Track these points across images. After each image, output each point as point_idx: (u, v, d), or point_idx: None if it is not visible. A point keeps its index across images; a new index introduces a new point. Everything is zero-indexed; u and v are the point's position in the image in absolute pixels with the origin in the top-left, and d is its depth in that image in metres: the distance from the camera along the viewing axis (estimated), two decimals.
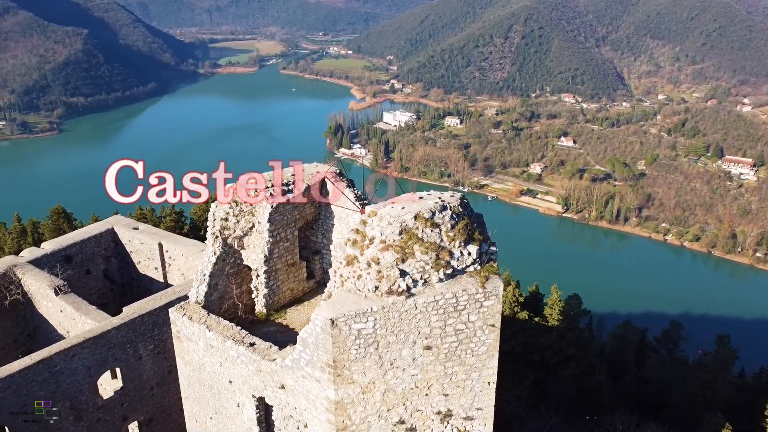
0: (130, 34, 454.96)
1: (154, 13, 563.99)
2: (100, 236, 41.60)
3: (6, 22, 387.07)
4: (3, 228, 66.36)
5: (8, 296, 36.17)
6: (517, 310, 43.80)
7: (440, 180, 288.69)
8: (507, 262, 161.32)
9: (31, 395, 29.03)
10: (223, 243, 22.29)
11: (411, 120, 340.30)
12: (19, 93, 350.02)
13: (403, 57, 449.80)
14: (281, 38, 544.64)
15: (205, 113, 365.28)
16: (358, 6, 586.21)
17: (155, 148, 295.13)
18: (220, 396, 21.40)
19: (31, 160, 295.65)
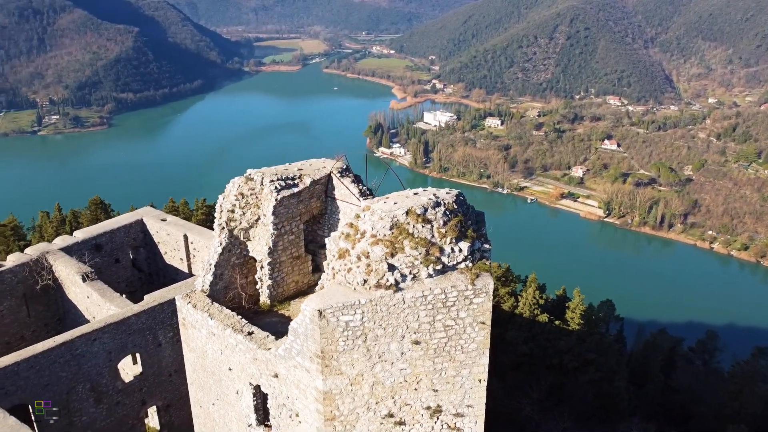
0: (178, 32, 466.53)
1: (203, 11, 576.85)
2: (130, 226, 43.02)
3: (62, 20, 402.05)
4: (46, 217, 69.28)
5: (40, 281, 37.83)
6: (537, 312, 43.34)
7: (479, 181, 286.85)
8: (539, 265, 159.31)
9: (53, 376, 30.37)
10: (229, 234, 22.87)
11: (451, 120, 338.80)
12: (73, 88, 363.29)
13: (445, 57, 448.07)
14: (325, 37, 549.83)
15: (249, 110, 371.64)
16: (401, 6, 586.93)
17: (200, 143, 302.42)
18: (221, 383, 22.01)
19: (81, 154, 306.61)
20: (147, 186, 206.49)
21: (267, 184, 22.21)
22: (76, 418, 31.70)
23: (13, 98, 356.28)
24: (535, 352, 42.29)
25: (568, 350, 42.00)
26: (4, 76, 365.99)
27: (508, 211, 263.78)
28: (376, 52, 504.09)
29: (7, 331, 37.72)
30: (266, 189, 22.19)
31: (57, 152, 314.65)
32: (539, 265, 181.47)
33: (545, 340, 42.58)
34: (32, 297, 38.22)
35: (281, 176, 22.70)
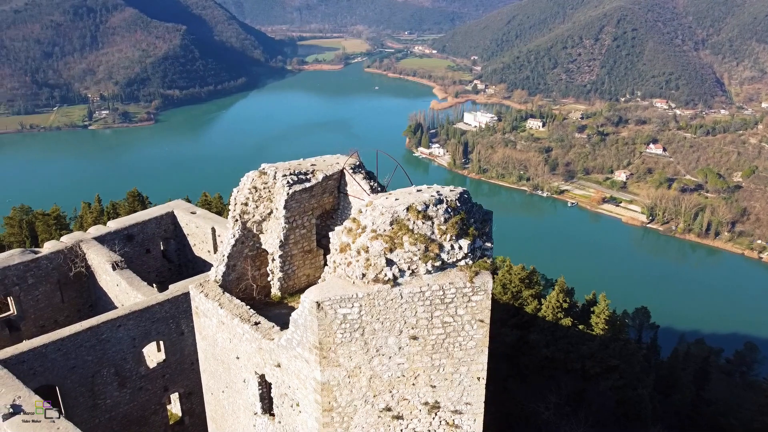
0: (224, 30, 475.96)
1: (248, 10, 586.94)
2: (161, 218, 44.31)
3: (114, 18, 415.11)
4: (87, 207, 71.85)
5: (73, 268, 39.36)
6: (560, 316, 42.77)
7: (518, 183, 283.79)
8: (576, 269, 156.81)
9: (79, 359, 31.60)
10: (242, 226, 23.43)
11: (492, 121, 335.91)
12: (122, 84, 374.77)
13: (487, 57, 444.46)
14: (367, 37, 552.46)
15: (291, 108, 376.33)
16: (444, 5, 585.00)
17: (243, 140, 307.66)
18: (229, 371, 22.58)
19: (128, 148, 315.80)
20: (187, 180, 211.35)
21: (279, 179, 22.66)
22: (101, 401, 32.91)
23: (66, 93, 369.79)
24: (557, 356, 41.78)
25: (591, 355, 41.33)
26: (59, 72, 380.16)
27: (547, 214, 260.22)
28: (418, 52, 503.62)
29: (41, 315, 39.36)
30: (279, 183, 22.65)
31: (105, 146, 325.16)
32: (576, 270, 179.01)
33: (568, 344, 41.99)
34: (66, 283, 39.78)
35: (294, 171, 23.13)
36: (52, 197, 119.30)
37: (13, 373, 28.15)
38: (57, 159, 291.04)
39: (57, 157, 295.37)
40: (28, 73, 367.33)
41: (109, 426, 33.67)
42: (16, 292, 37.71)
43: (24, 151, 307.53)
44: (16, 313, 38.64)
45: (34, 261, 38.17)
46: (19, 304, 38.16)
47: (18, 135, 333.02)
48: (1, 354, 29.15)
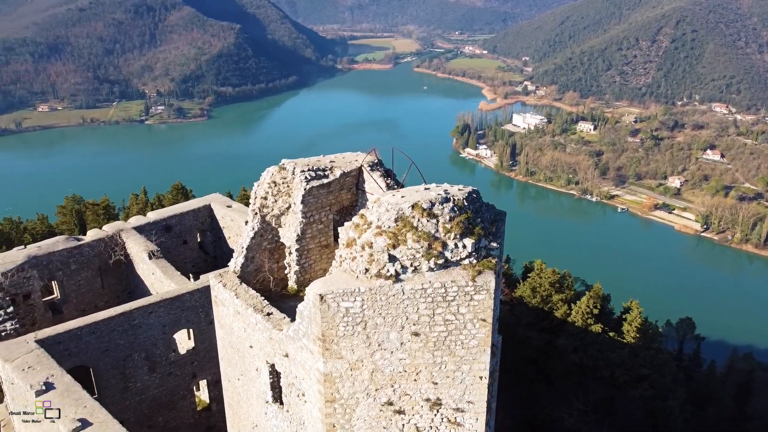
0: (277, 29, 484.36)
1: (301, 9, 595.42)
2: (198, 211, 45.72)
3: (172, 16, 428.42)
4: (134, 198, 74.67)
5: (113, 256, 41.06)
6: (590, 322, 42.01)
7: (567, 187, 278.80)
8: (623, 276, 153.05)
9: (112, 342, 33.05)
10: (261, 220, 24.07)
11: (541, 123, 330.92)
12: (178, 81, 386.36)
13: (539, 58, 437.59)
14: (418, 36, 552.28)
15: (339, 107, 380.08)
16: (497, 5, 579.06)
17: (291, 137, 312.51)
18: (244, 359, 23.27)
19: (181, 143, 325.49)
20: (233, 175, 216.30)
21: (298, 174, 23.20)
22: (132, 384, 34.31)
23: (125, 89, 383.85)
24: (585, 363, 41.06)
25: (621, 363, 40.44)
26: (119, 68, 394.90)
27: (596, 220, 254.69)
28: (468, 52, 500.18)
29: (83, 300, 41.20)
30: (297, 178, 23.19)
31: (160, 140, 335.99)
32: (622, 277, 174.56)
33: (597, 351, 41.21)
34: (106, 270, 41.52)
35: (312, 167, 23.63)
36: (105, 188, 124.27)
37: (49, 353, 29.71)
38: (114, 152, 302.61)
39: (114, 150, 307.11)
40: (90, 69, 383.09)
41: (139, 408, 35.06)
42: (60, 276, 39.58)
43: (84, 143, 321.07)
44: (59, 296, 40.58)
45: (77, 248, 39.97)
46: (62, 288, 40.05)
47: (80, 128, 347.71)
48: (40, 334, 30.78)
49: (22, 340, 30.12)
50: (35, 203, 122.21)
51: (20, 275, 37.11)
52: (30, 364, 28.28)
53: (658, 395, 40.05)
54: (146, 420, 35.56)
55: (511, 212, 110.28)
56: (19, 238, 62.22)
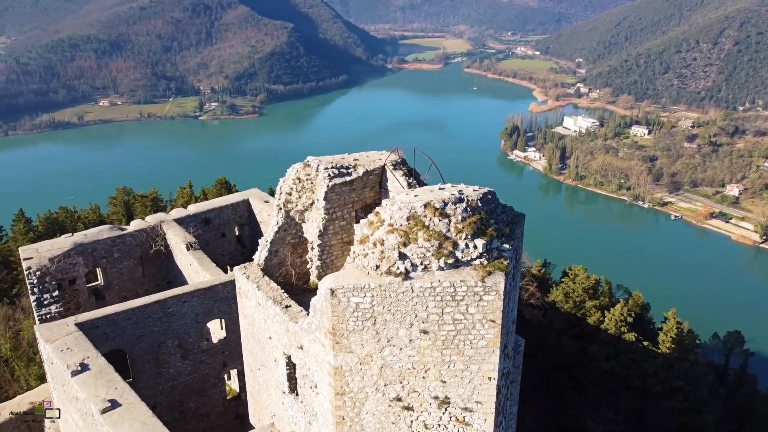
0: (329, 28, 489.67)
1: (353, 9, 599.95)
2: (236, 205, 46.95)
3: (228, 15, 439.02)
4: (181, 191, 77.02)
5: (154, 246, 42.63)
6: (624, 330, 41.05)
7: (618, 192, 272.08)
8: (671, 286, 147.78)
9: (147, 329, 34.36)
10: (285, 215, 24.69)
11: (593, 126, 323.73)
12: (231, 79, 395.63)
13: (593, 60, 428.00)
14: (469, 37, 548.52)
15: (388, 106, 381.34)
16: (551, 6, 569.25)
17: (340, 135, 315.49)
18: (264, 350, 23.92)
19: (233, 138, 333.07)
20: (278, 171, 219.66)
21: (321, 171, 23.68)
22: (165, 370, 35.59)
23: (180, 85, 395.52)
24: (617, 371, 40.21)
25: (654, 373, 39.40)
26: (176, 65, 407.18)
27: (648, 227, 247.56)
28: (520, 53, 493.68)
29: (124, 287, 42.92)
30: (320, 175, 23.68)
31: (213, 136, 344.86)
32: (670, 286, 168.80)
33: (630, 360, 40.28)
34: (147, 259, 43.12)
35: (336, 165, 24.07)
36: (157, 181, 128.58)
37: (88, 336, 31.18)
38: (168, 146, 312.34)
39: (168, 144, 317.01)
40: (149, 66, 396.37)
41: (171, 394, 36.33)
42: (103, 264, 41.34)
43: (141, 137, 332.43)
44: (102, 283, 42.38)
45: (120, 237, 41.66)
46: (105, 275, 41.82)
47: (137, 123, 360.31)
48: (79, 318, 32.33)
49: (63, 323, 31.71)
50: (94, 193, 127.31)
51: (66, 261, 38.96)
52: (68, 346, 29.77)
53: (693, 408, 38.85)
54: (178, 405, 36.81)
55: (559, 216, 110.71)
56: (72, 227, 65.03)
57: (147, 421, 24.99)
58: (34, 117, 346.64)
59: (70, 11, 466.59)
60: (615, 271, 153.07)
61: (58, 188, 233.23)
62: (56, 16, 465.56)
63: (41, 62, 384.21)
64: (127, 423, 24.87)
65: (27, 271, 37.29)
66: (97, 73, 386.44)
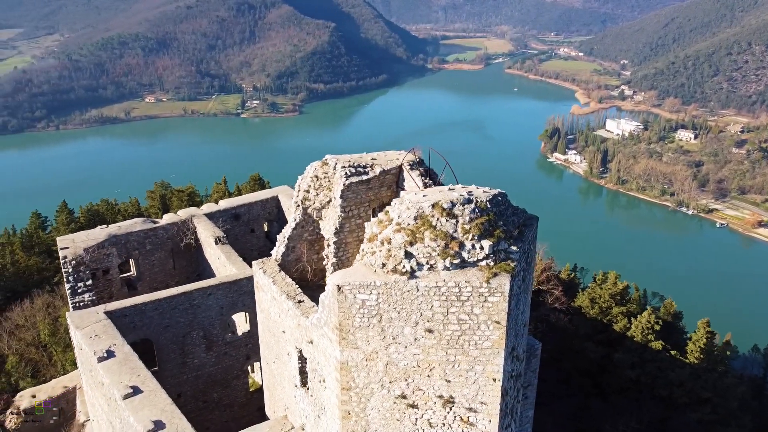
0: (370, 28, 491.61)
1: (395, 9, 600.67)
2: (266, 201, 47.79)
3: (271, 14, 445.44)
4: (217, 187, 78.70)
5: (184, 239, 43.82)
6: (650, 338, 40.19)
7: (661, 198, 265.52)
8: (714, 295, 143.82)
9: (173, 319, 35.38)
10: (303, 212, 25.15)
11: (637, 130, 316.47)
12: (273, 77, 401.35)
13: (638, 62, 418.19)
14: (511, 37, 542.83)
15: (427, 106, 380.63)
16: (596, 6, 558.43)
17: (378, 135, 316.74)
18: (278, 343, 24.42)
19: (273, 136, 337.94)
20: None
21: (339, 170, 24.05)
22: (189, 360, 36.58)
23: (224, 83, 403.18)
24: (642, 380, 39.42)
25: (680, 384, 38.46)
26: (219, 63, 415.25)
27: (691, 234, 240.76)
28: (563, 54, 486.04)
29: (155, 278, 44.21)
30: (338, 174, 24.05)
31: (253, 133, 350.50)
32: (712, 295, 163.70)
33: (656, 369, 39.41)
34: (178, 252, 44.32)
35: (353, 163, 24.40)
36: (198, 175, 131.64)
37: (116, 324, 32.33)
38: (210, 142, 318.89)
39: (210, 140, 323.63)
40: (193, 64, 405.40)
41: (195, 383, 37.31)
42: (136, 255, 42.68)
43: (184, 133, 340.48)
44: (135, 274, 43.76)
45: (153, 230, 42.94)
46: (137, 266, 43.17)
47: (181, 119, 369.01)
48: (109, 306, 33.52)
49: (93, 311, 32.95)
50: (138, 186, 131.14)
51: (100, 252, 40.40)
52: (97, 333, 30.93)
53: (720, 421, 37.79)
54: (201, 395, 37.77)
55: (599, 221, 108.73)
56: (112, 219, 67.18)
57: (166, 408, 25.81)
58: (83, 112, 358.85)
59: (120, 10, 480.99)
60: (654, 278, 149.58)
61: (102, 181, 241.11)
62: (107, 14, 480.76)
63: (92, 59, 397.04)
64: (147, 409, 25.75)
65: (63, 260, 38.84)
66: (144, 71, 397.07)
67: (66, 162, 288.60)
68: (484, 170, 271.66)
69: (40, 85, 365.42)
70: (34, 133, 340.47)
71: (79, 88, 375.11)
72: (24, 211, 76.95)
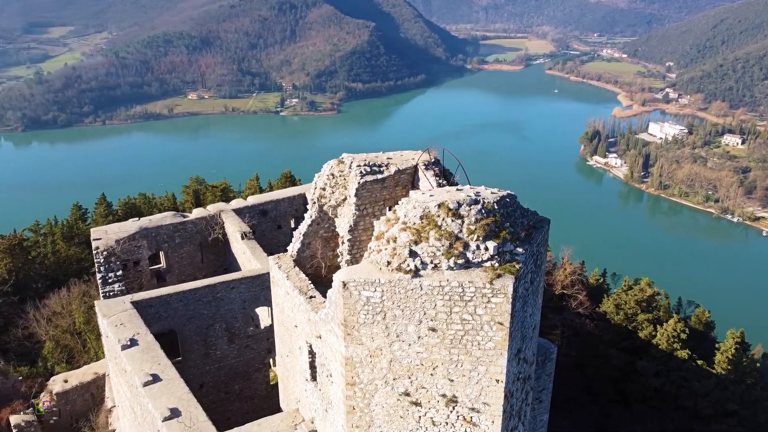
0: (410, 28, 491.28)
1: (435, 8, 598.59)
2: (293, 198, 48.53)
3: (312, 14, 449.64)
4: (250, 182, 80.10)
5: (212, 233, 44.88)
6: (676, 346, 39.30)
7: (704, 204, 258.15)
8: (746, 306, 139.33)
9: (197, 311, 36.29)
10: (319, 209, 25.56)
11: (681, 134, 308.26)
12: (312, 76, 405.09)
13: (684, 64, 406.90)
14: (553, 38, 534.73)
15: (466, 107, 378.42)
16: (642, 7, 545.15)
17: (415, 135, 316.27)
18: (291, 337, 24.89)
19: (311, 134, 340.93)
20: None
21: (354, 168, 24.37)
22: (212, 351, 37.48)
23: (264, 81, 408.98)
24: (666, 389, 38.59)
25: (706, 394, 37.51)
26: (260, 62, 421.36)
27: (735, 242, 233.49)
28: (606, 55, 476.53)
29: (184, 271, 45.39)
30: (353, 172, 24.36)
31: (292, 131, 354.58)
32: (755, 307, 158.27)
33: (681, 378, 38.53)
34: (206, 246, 45.40)
35: (369, 162, 24.68)
36: (224, 171, 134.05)
37: (142, 314, 33.38)
38: (249, 140, 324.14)
39: (249, 138, 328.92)
40: (235, 62, 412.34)
41: (217, 375, 38.21)
42: (166, 248, 43.92)
43: (224, 130, 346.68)
44: (164, 266, 45.04)
45: (182, 224, 44.13)
46: (167, 259, 44.41)
47: (222, 116, 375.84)
48: (135, 296, 34.62)
49: (120, 300, 34.10)
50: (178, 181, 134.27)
51: (131, 244, 41.73)
52: (122, 322, 32.01)
53: None
54: (223, 386, 38.65)
55: (638, 226, 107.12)
56: (149, 212, 68.95)
57: (183, 396, 26.58)
58: (128, 108, 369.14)
59: (165, 8, 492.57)
60: (692, 286, 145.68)
61: (143, 175, 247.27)
62: (153, 13, 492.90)
63: (138, 57, 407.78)
64: (165, 397, 26.57)
65: (95, 250, 40.27)
66: (188, 68, 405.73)
67: (110, 156, 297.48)
68: (521, 172, 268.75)
69: (89, 81, 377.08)
70: (81, 127, 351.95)
71: (125, 84, 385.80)
72: (66, 203, 79.60)
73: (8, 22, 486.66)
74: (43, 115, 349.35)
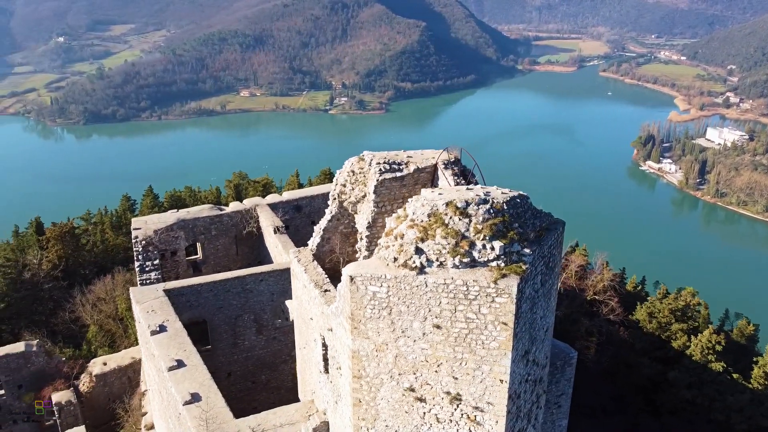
0: (461, 28, 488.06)
1: (488, 8, 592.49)
2: (327, 195, 48.80)
3: (363, 13, 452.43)
4: (291, 178, 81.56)
5: (247, 227, 46.03)
6: (711, 358, 38.03)
7: (764, 214, 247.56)
8: None
9: (226, 302, 37.36)
10: (339, 205, 26.02)
11: (741, 140, 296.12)
12: (362, 75, 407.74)
13: (748, 68, 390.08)
14: (608, 39, 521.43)
15: (515, 108, 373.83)
16: (704, 8, 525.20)
17: (463, 135, 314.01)
18: (307, 329, 25.42)
19: (358, 133, 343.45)
20: None
21: (374, 166, 24.71)
22: (240, 341, 38.51)
23: (314, 80, 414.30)
24: (698, 401, 37.43)
25: (740, 409, 36.18)
26: (311, 60, 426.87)
27: None
28: (664, 58, 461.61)
29: (219, 263, 46.69)
30: (372, 170, 24.71)
31: (340, 129, 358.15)
32: None
33: (714, 391, 37.28)
34: (241, 239, 46.60)
35: (389, 160, 24.98)
36: (281, 167, 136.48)
37: (174, 302, 34.63)
38: (298, 137, 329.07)
39: (298, 135, 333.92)
40: (287, 60, 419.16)
41: (245, 364, 39.22)
42: (202, 240, 45.30)
43: (274, 127, 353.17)
44: (201, 257, 46.46)
45: (218, 216, 45.43)
46: (203, 250, 45.79)
47: (272, 113, 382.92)
48: (168, 285, 35.91)
49: (153, 288, 35.45)
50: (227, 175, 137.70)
51: (169, 234, 43.25)
52: (154, 308, 33.31)
53: None
54: (250, 376, 39.64)
55: (692, 235, 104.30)
56: (193, 205, 71.10)
57: (204, 382, 27.53)
58: (183, 104, 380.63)
59: (222, 7, 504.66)
60: (744, 299, 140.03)
61: (194, 169, 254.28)
62: (210, 12, 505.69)
63: (194, 54, 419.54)
64: (187, 382, 27.57)
65: (134, 239, 41.92)
66: (241, 66, 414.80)
67: (164, 150, 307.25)
68: (571, 176, 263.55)
69: (147, 77, 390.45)
70: (139, 122, 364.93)
71: (181, 81, 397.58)
72: (118, 194, 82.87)
73: (75, 20, 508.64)
74: (103, 109, 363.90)
